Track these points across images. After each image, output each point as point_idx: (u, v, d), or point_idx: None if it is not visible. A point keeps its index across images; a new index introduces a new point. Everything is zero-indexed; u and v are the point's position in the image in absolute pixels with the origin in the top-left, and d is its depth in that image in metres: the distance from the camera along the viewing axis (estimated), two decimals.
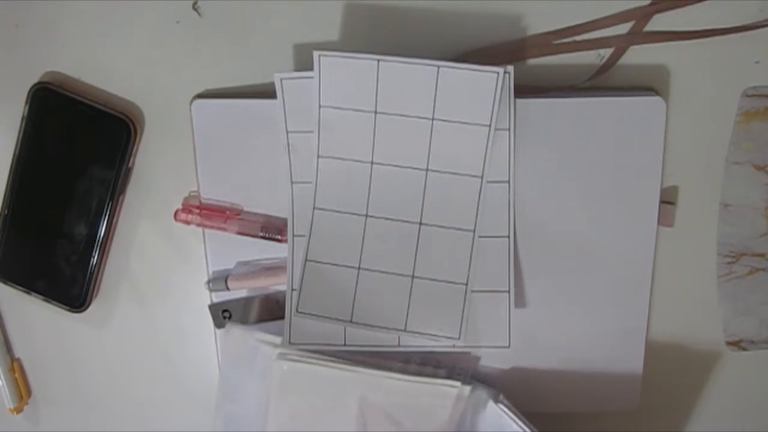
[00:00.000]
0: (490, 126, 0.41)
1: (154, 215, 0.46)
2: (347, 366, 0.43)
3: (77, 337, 0.49)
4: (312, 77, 0.41)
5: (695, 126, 0.44)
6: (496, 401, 0.43)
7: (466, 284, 0.43)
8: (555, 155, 0.43)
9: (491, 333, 0.44)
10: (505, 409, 0.42)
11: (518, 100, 0.41)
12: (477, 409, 0.43)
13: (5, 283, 0.47)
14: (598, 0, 0.42)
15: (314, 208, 0.43)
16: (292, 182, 0.44)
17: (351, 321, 0.43)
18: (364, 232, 0.43)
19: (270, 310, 0.46)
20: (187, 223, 0.45)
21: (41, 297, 0.46)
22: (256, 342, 0.44)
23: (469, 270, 0.43)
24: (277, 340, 0.44)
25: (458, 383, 0.43)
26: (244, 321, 0.46)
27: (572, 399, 0.47)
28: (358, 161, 0.43)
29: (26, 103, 0.44)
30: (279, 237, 0.44)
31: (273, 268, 0.45)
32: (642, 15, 0.42)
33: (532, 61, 0.43)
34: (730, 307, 0.46)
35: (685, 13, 0.42)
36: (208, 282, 0.46)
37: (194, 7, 0.43)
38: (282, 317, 0.45)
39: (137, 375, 0.49)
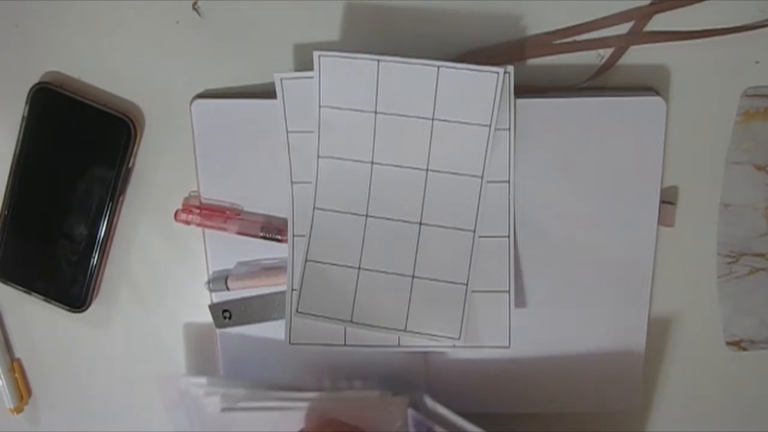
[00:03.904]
0: (490, 126, 0.41)
1: (154, 215, 0.46)
2: (273, 402, 0.43)
3: (77, 337, 0.49)
4: (312, 77, 0.41)
5: (695, 126, 0.44)
6: (418, 404, 0.43)
7: (466, 284, 0.43)
8: (555, 155, 0.43)
9: (491, 333, 0.44)
10: (433, 408, 0.43)
11: (518, 100, 0.41)
12: (403, 415, 0.43)
13: (5, 283, 0.47)
14: (598, 0, 0.42)
15: (314, 208, 0.43)
16: (292, 182, 0.44)
17: (351, 321, 0.43)
18: (364, 232, 0.43)
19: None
20: (187, 223, 0.45)
21: (41, 297, 0.46)
22: (186, 386, 0.45)
23: (469, 270, 0.43)
24: (202, 380, 0.44)
25: (376, 392, 0.43)
26: (242, 321, 0.46)
27: (572, 399, 0.47)
28: (358, 161, 0.43)
29: (26, 103, 0.44)
30: (279, 237, 0.44)
31: (273, 268, 0.45)
32: (642, 15, 0.42)
33: (532, 61, 0.43)
34: (730, 307, 0.46)
35: (685, 13, 0.42)
36: (208, 282, 0.46)
37: (194, 7, 0.43)
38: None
39: (137, 375, 0.49)
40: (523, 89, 0.42)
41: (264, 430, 0.43)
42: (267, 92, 0.43)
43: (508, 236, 0.43)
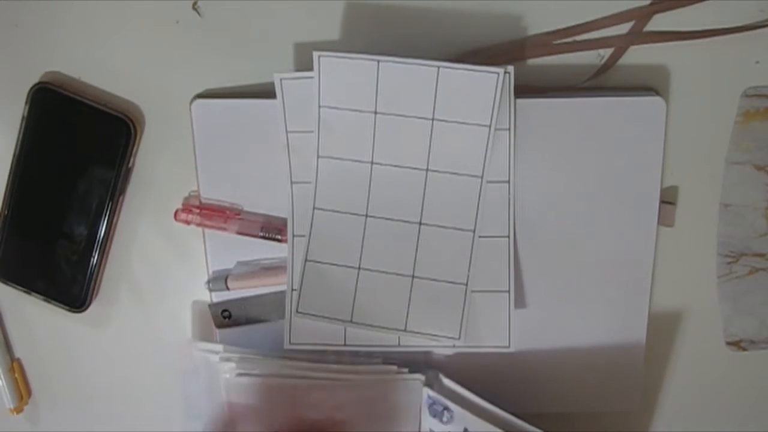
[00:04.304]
0: (490, 126, 0.41)
1: (154, 215, 0.46)
2: (289, 370, 0.43)
3: (77, 337, 0.49)
4: (312, 77, 0.41)
5: (695, 126, 0.44)
6: (434, 383, 0.43)
7: (466, 284, 0.43)
8: (555, 155, 0.43)
9: (491, 333, 0.44)
10: (450, 386, 0.43)
11: (518, 100, 0.41)
12: (419, 393, 0.43)
13: (5, 283, 0.47)
14: (598, 0, 0.42)
15: (314, 208, 0.43)
16: (292, 182, 0.44)
17: (351, 321, 0.43)
18: (364, 232, 0.43)
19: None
20: (187, 223, 0.45)
21: (41, 297, 0.46)
22: (199, 353, 0.45)
23: (469, 270, 0.43)
24: (218, 347, 0.44)
25: (393, 366, 0.43)
26: (242, 321, 0.46)
27: (572, 399, 0.47)
28: (358, 161, 0.43)
29: (26, 103, 0.44)
30: (279, 237, 0.44)
31: (273, 268, 0.45)
32: (642, 15, 0.42)
33: (532, 61, 0.43)
34: (730, 307, 0.46)
35: (685, 13, 0.42)
36: (208, 282, 0.46)
37: (194, 7, 0.43)
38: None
39: (137, 375, 0.49)
40: (523, 89, 0.42)
41: (279, 398, 0.43)
42: (267, 92, 0.43)
43: (508, 236, 0.43)
